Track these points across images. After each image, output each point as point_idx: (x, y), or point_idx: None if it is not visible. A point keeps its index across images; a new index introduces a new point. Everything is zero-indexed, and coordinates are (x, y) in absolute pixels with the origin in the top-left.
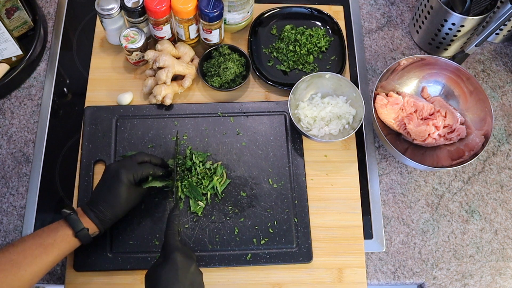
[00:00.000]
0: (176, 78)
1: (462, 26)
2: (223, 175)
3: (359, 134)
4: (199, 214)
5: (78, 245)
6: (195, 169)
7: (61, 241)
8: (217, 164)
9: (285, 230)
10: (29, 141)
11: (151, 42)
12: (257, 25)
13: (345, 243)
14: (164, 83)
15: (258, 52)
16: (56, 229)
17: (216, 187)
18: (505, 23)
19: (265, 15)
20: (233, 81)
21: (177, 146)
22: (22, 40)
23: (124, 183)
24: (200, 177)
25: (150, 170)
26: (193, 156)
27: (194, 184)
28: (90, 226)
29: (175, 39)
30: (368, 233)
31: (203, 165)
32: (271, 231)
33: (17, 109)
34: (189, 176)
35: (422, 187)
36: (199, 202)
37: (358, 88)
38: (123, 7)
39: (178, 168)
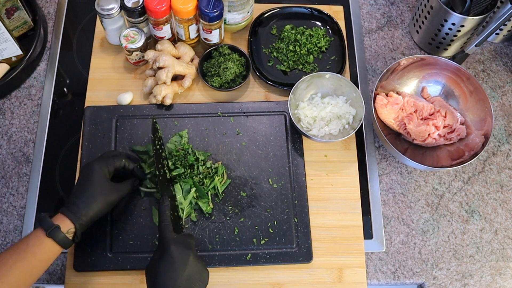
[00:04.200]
0: (176, 78)
1: (462, 26)
2: (223, 175)
3: (359, 134)
4: (206, 215)
5: (57, 249)
6: (198, 167)
7: (34, 244)
8: (218, 164)
9: (285, 230)
10: (29, 141)
11: (151, 42)
12: (257, 25)
13: (345, 243)
14: (164, 83)
15: (258, 52)
16: (30, 235)
17: (217, 187)
18: (505, 23)
19: (265, 15)
20: (233, 81)
21: (156, 133)
22: (22, 40)
23: (97, 173)
24: (202, 176)
25: (122, 159)
26: (196, 152)
27: (198, 184)
28: (63, 223)
29: (175, 39)
30: (368, 233)
31: (204, 164)
32: (271, 231)
33: (17, 109)
34: (192, 174)
35: (422, 187)
36: (209, 202)
37: (358, 88)
38: (123, 7)
39: (161, 153)
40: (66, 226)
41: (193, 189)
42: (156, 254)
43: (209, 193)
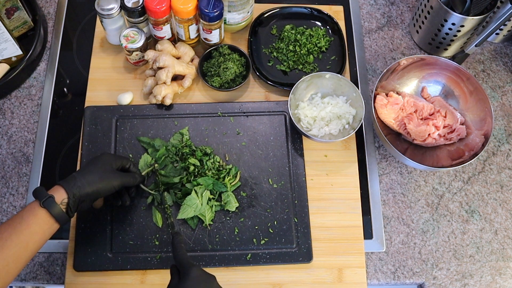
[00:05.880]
0: (176, 78)
1: (462, 26)
2: (236, 176)
3: (359, 134)
4: (230, 212)
5: (51, 222)
6: (206, 163)
7: (29, 216)
8: (232, 165)
9: (285, 230)
10: (29, 141)
11: (151, 42)
12: (257, 25)
13: (345, 243)
14: (164, 83)
15: (258, 52)
16: (25, 207)
17: (227, 187)
18: (505, 23)
19: (265, 15)
20: (233, 81)
21: (156, 174)
22: (22, 40)
23: (103, 160)
24: (214, 172)
25: (129, 161)
26: (201, 148)
27: (213, 177)
28: (58, 193)
29: (175, 39)
30: (368, 233)
31: (211, 158)
32: (271, 231)
33: (17, 109)
34: (203, 171)
35: (422, 187)
36: (233, 201)
37: (358, 88)
38: (123, 7)
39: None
40: (60, 196)
41: (206, 192)
42: (174, 280)
43: (229, 186)
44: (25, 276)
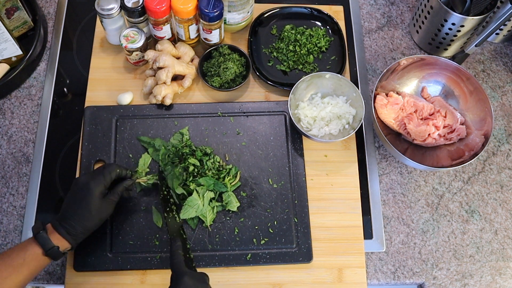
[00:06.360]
0: (176, 78)
1: (462, 26)
2: (236, 176)
3: (359, 134)
4: (231, 212)
5: (49, 262)
6: (206, 163)
7: (31, 261)
8: (232, 165)
9: (285, 230)
10: (29, 141)
11: (151, 42)
12: (257, 25)
13: (345, 243)
14: (164, 83)
15: (258, 52)
16: (26, 249)
17: (227, 187)
18: (505, 23)
19: (265, 15)
20: (233, 81)
21: (163, 180)
22: (22, 40)
23: (95, 196)
24: (214, 172)
25: (116, 170)
26: (201, 148)
27: (213, 177)
28: (61, 243)
29: (175, 39)
30: (368, 233)
31: (211, 158)
32: (271, 231)
33: (17, 109)
34: (203, 171)
35: (422, 187)
36: (234, 201)
37: (358, 88)
38: (123, 7)
39: (169, 199)
40: (64, 245)
41: (208, 192)
42: (170, 287)
43: (229, 187)
44: None
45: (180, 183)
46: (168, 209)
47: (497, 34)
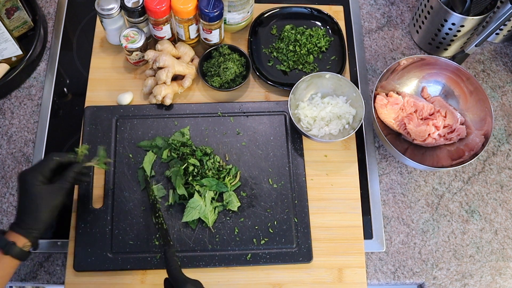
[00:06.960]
0: (176, 78)
1: (462, 26)
2: (236, 176)
3: (359, 134)
4: (231, 211)
5: (15, 263)
6: (206, 163)
7: None
8: (232, 165)
9: (285, 230)
10: (29, 141)
11: (151, 42)
12: (257, 25)
13: (345, 243)
14: (164, 83)
15: (258, 52)
16: None
17: (228, 187)
18: (505, 23)
19: (265, 15)
20: (233, 81)
21: (148, 184)
22: (22, 40)
23: (35, 185)
24: (214, 172)
25: (53, 158)
26: (201, 147)
27: (213, 177)
28: (16, 238)
29: (175, 39)
30: (368, 233)
31: (211, 158)
32: (271, 231)
33: (17, 109)
34: (203, 171)
35: (422, 187)
36: (235, 200)
37: (358, 88)
38: (123, 7)
39: (156, 204)
40: (21, 241)
41: (209, 192)
42: None
43: (229, 186)
44: (25, 276)
45: (184, 182)
46: (157, 214)
47: (497, 34)
